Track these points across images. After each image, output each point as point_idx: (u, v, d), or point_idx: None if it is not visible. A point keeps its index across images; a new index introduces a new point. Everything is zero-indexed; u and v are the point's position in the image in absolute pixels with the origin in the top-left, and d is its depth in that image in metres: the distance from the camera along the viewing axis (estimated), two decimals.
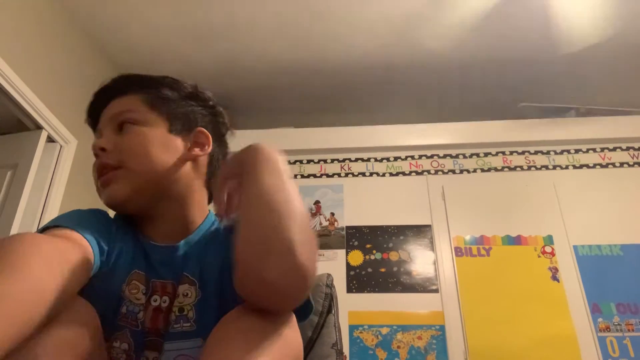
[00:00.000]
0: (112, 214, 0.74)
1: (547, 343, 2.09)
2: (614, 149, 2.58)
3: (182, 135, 0.74)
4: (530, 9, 2.35)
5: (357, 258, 2.40)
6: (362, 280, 2.33)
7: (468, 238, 2.39)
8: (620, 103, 2.86)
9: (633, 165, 2.53)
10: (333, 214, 2.53)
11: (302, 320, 0.62)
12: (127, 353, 0.62)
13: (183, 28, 2.51)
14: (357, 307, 2.25)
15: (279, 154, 0.61)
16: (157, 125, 0.72)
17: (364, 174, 2.66)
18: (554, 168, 2.57)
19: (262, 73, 2.88)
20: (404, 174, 2.64)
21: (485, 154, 2.66)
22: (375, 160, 2.70)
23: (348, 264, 2.38)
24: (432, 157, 2.68)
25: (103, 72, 2.65)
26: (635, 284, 2.19)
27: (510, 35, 2.55)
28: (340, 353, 0.87)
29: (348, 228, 2.49)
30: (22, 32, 2.03)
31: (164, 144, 0.72)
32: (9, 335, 0.39)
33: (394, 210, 2.51)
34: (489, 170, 2.61)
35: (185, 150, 0.73)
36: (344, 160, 2.71)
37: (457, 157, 2.67)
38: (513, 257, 2.31)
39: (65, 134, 2.25)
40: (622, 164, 2.54)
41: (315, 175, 2.68)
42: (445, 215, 2.46)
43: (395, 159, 2.69)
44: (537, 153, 2.62)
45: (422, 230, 2.44)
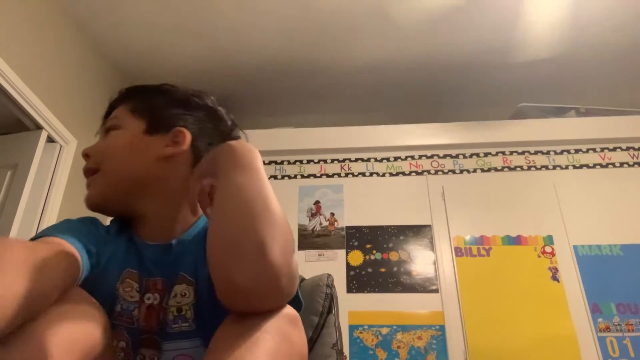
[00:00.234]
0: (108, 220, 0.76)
1: (547, 343, 2.09)
2: (614, 149, 2.58)
3: (159, 136, 0.75)
4: (530, 9, 2.35)
5: (357, 258, 2.40)
6: (362, 280, 2.33)
7: (468, 238, 2.39)
8: (620, 103, 2.86)
9: (633, 165, 2.53)
10: (333, 214, 2.53)
11: None
12: (124, 351, 0.62)
13: (182, 28, 2.51)
14: (357, 307, 2.25)
15: (254, 153, 0.60)
16: (132, 128, 0.75)
17: (364, 174, 2.66)
18: (554, 168, 2.57)
19: (262, 73, 2.88)
20: (404, 174, 2.64)
21: (485, 154, 2.66)
22: (375, 160, 2.70)
23: (348, 264, 2.38)
24: (432, 157, 2.68)
25: (103, 72, 2.65)
26: (635, 284, 2.19)
27: (510, 35, 2.54)
28: (341, 353, 0.86)
29: (348, 228, 2.49)
30: (22, 32, 2.03)
31: (134, 144, 0.74)
32: None
33: (394, 210, 2.51)
34: (489, 170, 2.61)
35: (159, 149, 0.74)
36: (344, 160, 2.71)
37: (457, 157, 2.67)
38: (513, 257, 2.31)
39: (65, 134, 2.25)
40: (622, 164, 2.54)
41: (315, 175, 2.68)
42: (445, 215, 2.46)
43: (395, 159, 2.69)
44: (537, 153, 2.62)
45: (422, 230, 2.44)
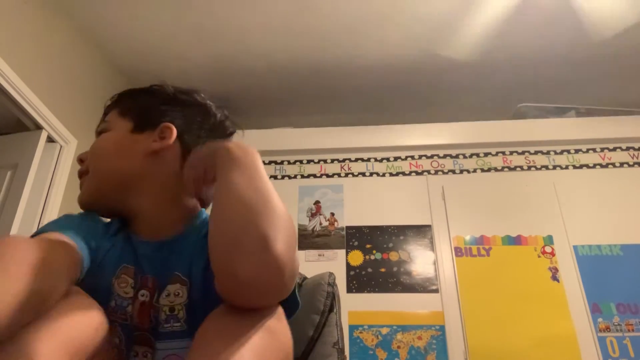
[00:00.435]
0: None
1: (547, 343, 2.09)
2: (614, 149, 2.58)
3: (146, 133, 0.75)
4: (530, 9, 2.35)
5: (357, 258, 2.40)
6: (362, 280, 2.33)
7: (468, 238, 2.39)
8: (620, 103, 2.86)
9: (633, 165, 2.52)
10: (333, 214, 2.53)
11: (287, 318, 0.61)
12: (118, 347, 0.62)
13: (182, 29, 2.51)
14: (357, 307, 2.25)
15: (253, 153, 0.61)
16: (119, 129, 0.76)
17: (364, 174, 2.66)
18: (554, 168, 2.57)
19: (262, 73, 2.88)
20: (404, 174, 2.64)
21: (485, 154, 2.66)
22: (375, 160, 2.70)
23: (348, 264, 2.38)
24: (432, 157, 2.68)
25: (103, 72, 2.65)
26: (635, 284, 2.19)
27: (510, 35, 2.54)
28: (342, 352, 0.86)
29: (348, 228, 2.49)
30: (22, 32, 2.03)
31: (121, 143, 0.75)
32: None
33: (394, 210, 2.51)
34: (489, 170, 2.61)
35: (145, 145, 0.74)
36: (344, 160, 2.71)
37: (457, 157, 2.67)
38: (513, 257, 2.31)
39: (65, 134, 2.25)
40: (622, 164, 2.54)
41: (315, 175, 2.68)
42: (445, 215, 2.46)
43: (395, 159, 2.69)
44: (537, 153, 2.62)
45: (422, 230, 2.44)
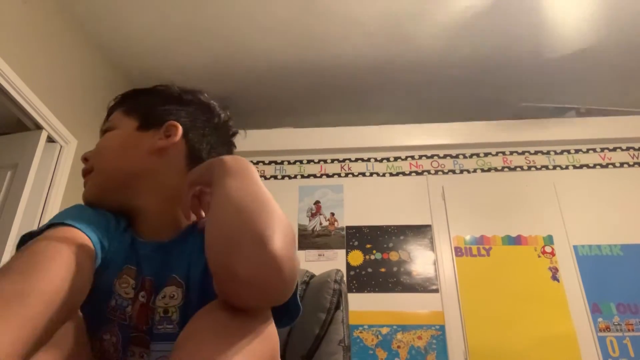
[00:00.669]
0: None
1: (547, 343, 2.09)
2: (614, 149, 2.59)
3: (152, 131, 0.75)
4: (529, 9, 2.35)
5: (357, 258, 2.40)
6: (362, 280, 2.33)
7: (468, 238, 2.39)
8: (620, 103, 2.86)
9: (633, 165, 2.53)
10: (333, 214, 2.53)
11: (289, 324, 0.61)
12: (115, 346, 0.62)
13: (182, 29, 2.51)
14: (357, 307, 2.24)
15: (248, 164, 0.62)
16: (125, 127, 0.76)
17: (364, 174, 2.66)
18: (554, 168, 2.57)
19: (262, 73, 2.88)
20: (404, 174, 2.64)
21: (485, 154, 2.66)
22: (375, 160, 2.70)
23: (348, 264, 2.38)
24: (432, 157, 2.68)
25: (103, 72, 2.65)
26: (635, 284, 2.19)
27: (510, 35, 2.54)
28: (348, 350, 0.86)
29: (348, 228, 2.49)
30: (22, 32, 2.03)
31: (127, 141, 0.75)
32: (24, 338, 0.41)
33: (394, 210, 2.51)
34: (489, 170, 2.61)
35: (151, 143, 0.74)
36: (344, 160, 2.71)
37: (457, 157, 2.67)
38: (513, 257, 2.31)
39: (65, 134, 2.25)
40: (622, 164, 2.54)
41: (315, 175, 2.68)
42: (445, 215, 2.46)
43: (395, 159, 2.69)
44: (537, 153, 2.62)
45: (422, 230, 2.44)
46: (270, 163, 2.72)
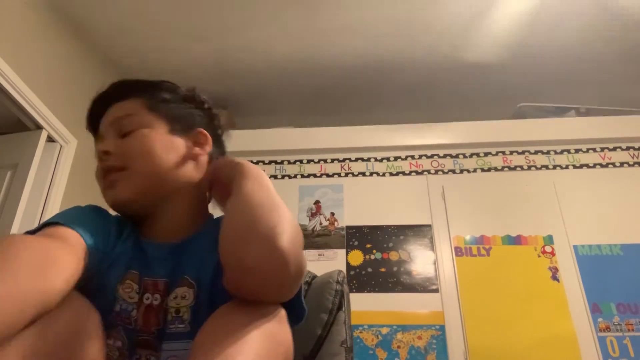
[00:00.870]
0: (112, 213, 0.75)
1: (547, 343, 2.09)
2: (614, 149, 2.58)
3: (182, 136, 0.76)
4: (531, 10, 2.35)
5: (357, 258, 2.39)
6: (362, 280, 2.33)
7: (468, 238, 2.39)
8: (620, 103, 2.86)
9: (633, 165, 2.52)
10: (333, 214, 2.53)
11: (294, 324, 0.62)
12: (120, 350, 0.62)
13: (182, 28, 2.51)
14: (357, 307, 2.22)
15: (261, 170, 0.69)
16: (157, 127, 0.74)
17: (364, 174, 2.66)
18: (554, 168, 2.57)
19: (262, 73, 2.88)
20: (404, 174, 2.64)
21: (485, 154, 2.66)
22: (375, 160, 2.70)
23: (348, 264, 2.38)
24: (432, 157, 2.68)
25: (103, 72, 2.65)
26: (635, 284, 2.19)
27: (510, 35, 2.54)
28: (350, 350, 0.86)
29: (348, 228, 2.49)
30: (22, 32, 2.03)
31: (166, 145, 0.74)
32: None
33: (394, 210, 2.51)
34: (489, 170, 2.61)
35: (187, 150, 0.76)
36: (344, 160, 2.71)
37: (457, 157, 2.67)
38: (513, 257, 2.31)
39: (65, 134, 2.25)
40: (622, 164, 2.54)
41: (315, 175, 2.68)
42: (445, 215, 2.46)
43: (395, 159, 2.69)
44: (537, 153, 2.62)
45: (422, 230, 2.44)
46: (270, 163, 2.72)
